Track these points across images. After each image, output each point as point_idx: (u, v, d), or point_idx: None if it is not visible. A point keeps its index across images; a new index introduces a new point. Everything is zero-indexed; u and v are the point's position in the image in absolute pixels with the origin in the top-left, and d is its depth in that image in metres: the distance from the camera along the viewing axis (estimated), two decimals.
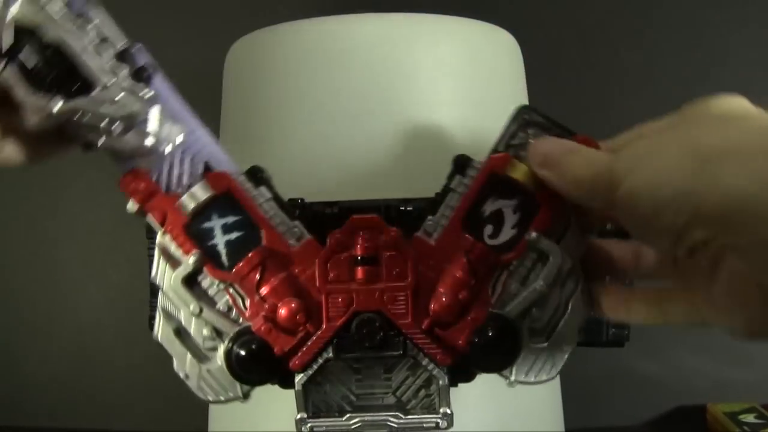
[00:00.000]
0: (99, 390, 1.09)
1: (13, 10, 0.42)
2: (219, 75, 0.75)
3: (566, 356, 0.46)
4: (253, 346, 0.44)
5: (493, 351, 0.44)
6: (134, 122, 0.44)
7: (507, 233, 0.45)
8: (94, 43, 0.43)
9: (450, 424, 0.46)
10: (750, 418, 0.98)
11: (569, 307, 0.46)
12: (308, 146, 0.64)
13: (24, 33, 0.42)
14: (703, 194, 0.33)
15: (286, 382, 0.45)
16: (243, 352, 0.44)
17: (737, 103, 0.37)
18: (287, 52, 0.67)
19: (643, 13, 1.07)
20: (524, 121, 0.46)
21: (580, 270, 0.46)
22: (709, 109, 0.37)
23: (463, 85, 0.42)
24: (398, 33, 0.67)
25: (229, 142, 0.73)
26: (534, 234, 0.45)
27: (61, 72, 0.43)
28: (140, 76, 0.44)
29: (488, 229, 0.45)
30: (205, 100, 0.79)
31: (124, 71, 0.43)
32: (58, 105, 0.42)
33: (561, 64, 1.06)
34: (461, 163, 0.46)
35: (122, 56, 0.44)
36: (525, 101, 0.75)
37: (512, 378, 0.46)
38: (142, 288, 0.48)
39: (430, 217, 0.46)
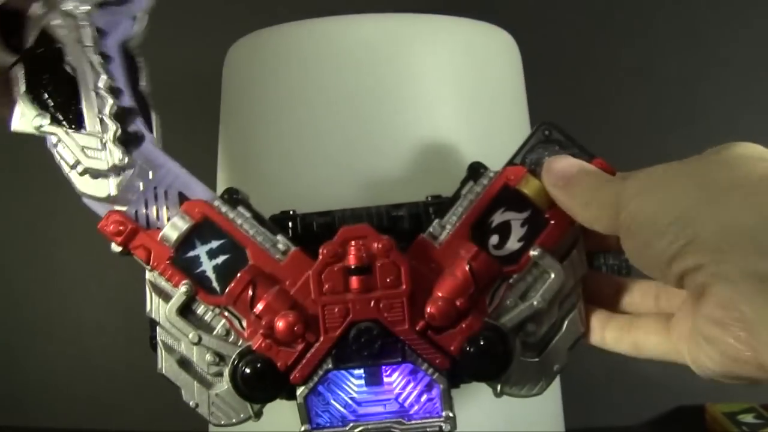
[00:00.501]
0: (99, 390, 1.09)
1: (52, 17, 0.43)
2: (218, 76, 0.75)
3: (556, 375, 0.47)
4: (258, 365, 0.44)
5: (484, 360, 0.45)
6: (98, 175, 0.45)
7: (512, 246, 0.46)
8: (104, 88, 0.43)
9: (453, 427, 0.46)
10: (749, 418, 0.98)
11: (564, 326, 0.47)
12: (308, 147, 0.64)
13: (49, 41, 0.43)
14: (702, 222, 0.34)
15: (293, 395, 0.46)
16: (248, 372, 0.44)
17: (754, 148, 0.38)
18: (287, 53, 0.67)
19: (641, 13, 1.07)
20: (544, 137, 0.47)
21: (580, 291, 0.47)
22: (725, 150, 0.38)
23: (461, 85, 0.42)
24: (397, 33, 0.67)
25: (228, 143, 0.73)
26: (539, 250, 0.45)
27: (62, 94, 0.44)
28: (128, 140, 0.45)
29: (494, 239, 0.46)
30: (204, 101, 0.79)
31: (115, 129, 0.44)
32: (44, 123, 0.44)
33: (560, 64, 1.06)
34: (475, 170, 0.47)
35: (121, 115, 0.45)
36: (523, 101, 0.75)
37: (500, 389, 0.47)
38: (142, 288, 0.48)
39: (437, 220, 0.46)
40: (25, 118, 0.44)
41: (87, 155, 0.44)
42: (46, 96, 0.44)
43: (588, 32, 1.08)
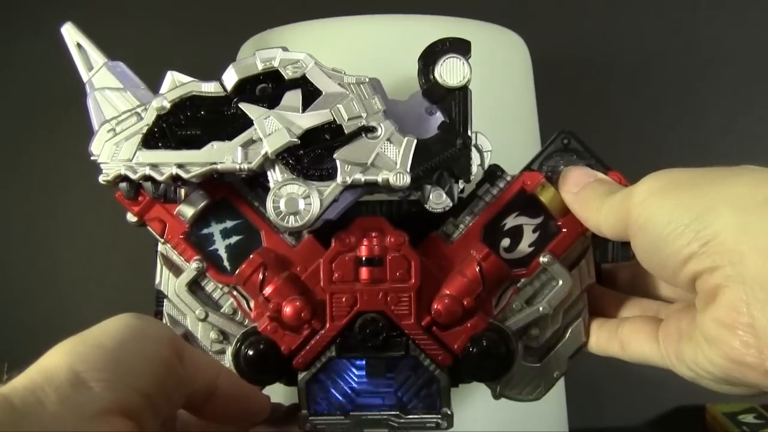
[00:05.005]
0: None
1: None
2: None
3: (555, 382, 0.47)
4: (261, 346, 0.44)
5: (486, 361, 0.45)
6: None
7: (523, 250, 0.47)
8: None
9: (450, 425, 0.46)
10: (749, 418, 0.98)
11: (568, 333, 0.47)
12: None
13: None
14: (723, 223, 0.34)
15: (293, 380, 0.46)
16: (251, 353, 0.44)
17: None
18: None
19: (648, 14, 1.08)
20: (563, 145, 0.48)
21: (586, 300, 0.47)
22: (740, 167, 0.38)
23: (472, 87, 0.43)
24: (407, 34, 0.67)
25: None
26: (549, 256, 0.46)
27: None
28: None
29: (505, 242, 0.47)
30: None
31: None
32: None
33: (569, 66, 1.06)
34: (492, 173, 0.47)
35: None
36: (533, 103, 0.75)
37: (499, 391, 0.47)
38: (142, 288, 0.48)
39: (451, 219, 0.47)
40: None
41: None
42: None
43: (596, 34, 1.08)
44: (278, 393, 0.46)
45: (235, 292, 0.46)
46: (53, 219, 1.11)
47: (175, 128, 0.42)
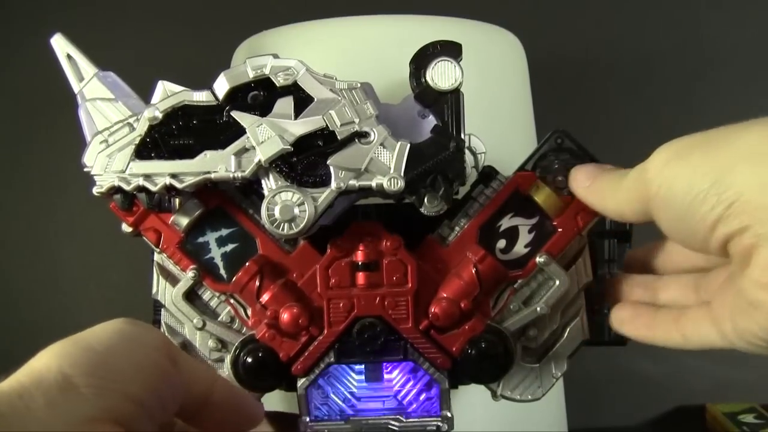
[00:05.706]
0: None
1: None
2: None
3: (555, 381, 0.47)
4: (260, 354, 0.44)
5: (484, 363, 0.45)
6: None
7: (519, 251, 0.46)
8: None
9: (450, 427, 0.46)
10: (749, 418, 0.98)
11: (566, 333, 0.47)
12: None
13: None
14: (744, 181, 0.33)
15: (292, 386, 0.46)
16: (250, 360, 0.44)
17: None
18: (293, 53, 0.67)
19: (644, 13, 1.07)
20: (557, 145, 0.47)
21: (583, 299, 0.47)
22: (748, 122, 0.37)
23: (467, 87, 0.43)
24: (403, 34, 0.67)
25: None
26: (545, 257, 0.46)
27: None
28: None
29: (501, 243, 0.46)
30: None
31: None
32: None
33: (565, 66, 1.06)
34: (486, 174, 0.47)
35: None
36: (529, 103, 0.75)
37: (499, 392, 0.47)
38: (142, 288, 0.48)
39: (446, 222, 0.46)
40: None
41: None
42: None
43: (591, 34, 1.08)
44: (277, 399, 0.46)
45: (232, 300, 0.46)
46: (53, 219, 1.11)
47: (168, 138, 0.42)
